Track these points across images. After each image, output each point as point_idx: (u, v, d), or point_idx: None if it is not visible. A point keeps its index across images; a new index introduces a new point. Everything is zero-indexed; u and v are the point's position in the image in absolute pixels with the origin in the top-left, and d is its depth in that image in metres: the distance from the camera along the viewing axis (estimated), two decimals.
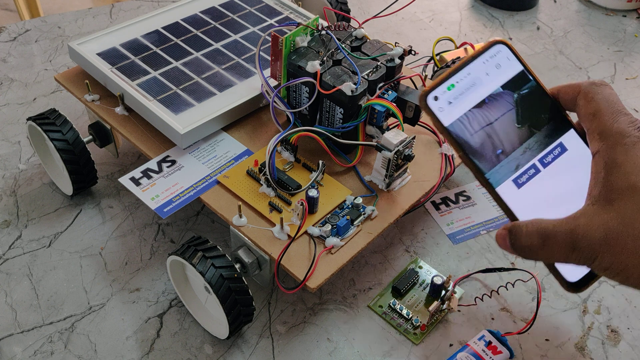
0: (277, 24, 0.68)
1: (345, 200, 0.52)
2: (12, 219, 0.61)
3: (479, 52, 0.33)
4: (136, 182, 0.53)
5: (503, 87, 0.33)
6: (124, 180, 0.53)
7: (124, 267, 0.57)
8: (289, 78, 0.55)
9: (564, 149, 0.34)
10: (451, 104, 0.32)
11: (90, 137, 0.61)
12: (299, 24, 0.55)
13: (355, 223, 0.50)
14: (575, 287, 0.33)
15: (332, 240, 0.49)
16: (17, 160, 0.66)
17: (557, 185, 0.33)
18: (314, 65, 0.52)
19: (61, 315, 0.53)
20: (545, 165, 0.34)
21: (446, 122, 0.32)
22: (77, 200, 0.62)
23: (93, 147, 0.61)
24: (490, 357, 0.49)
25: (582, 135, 0.35)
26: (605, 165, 0.31)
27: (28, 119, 0.59)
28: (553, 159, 0.34)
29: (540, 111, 0.34)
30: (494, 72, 0.33)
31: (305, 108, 0.55)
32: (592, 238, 0.30)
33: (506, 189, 0.33)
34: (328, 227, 0.49)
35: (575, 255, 0.31)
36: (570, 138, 0.34)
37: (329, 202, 0.52)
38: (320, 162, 0.53)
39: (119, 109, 0.59)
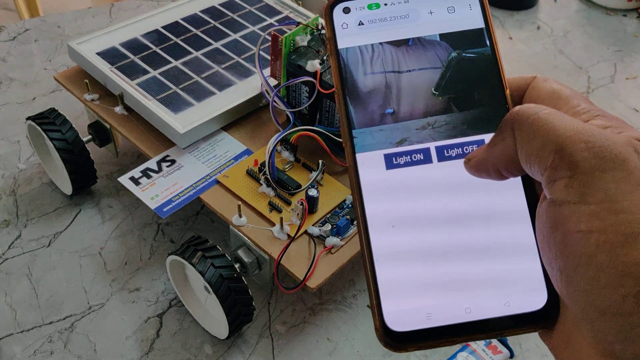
0: (277, 24, 0.68)
1: (345, 200, 0.52)
2: (12, 218, 0.60)
3: None
4: (136, 181, 0.53)
5: (443, 36, 0.24)
6: (124, 179, 0.53)
7: (123, 267, 0.57)
8: (288, 77, 0.55)
9: None
10: (362, 27, 0.24)
11: (90, 136, 0.61)
12: (298, 23, 0.55)
13: (355, 223, 0.50)
14: (395, 340, 0.21)
15: (332, 240, 0.49)
16: (17, 160, 0.66)
17: (444, 201, 0.22)
18: (313, 65, 0.52)
19: (61, 315, 0.53)
20: (442, 158, 0.22)
21: (341, 44, 0.23)
22: (77, 199, 0.62)
23: (92, 147, 0.61)
24: (491, 357, 0.49)
25: None
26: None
27: (27, 119, 0.59)
28: (458, 156, 0.22)
29: (477, 89, 0.23)
30: (442, 14, 0.24)
31: (305, 107, 0.55)
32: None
33: (368, 162, 0.22)
34: (328, 226, 0.49)
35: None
36: None
37: (328, 202, 0.52)
38: (320, 161, 0.53)
39: (118, 109, 0.59)
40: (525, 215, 0.22)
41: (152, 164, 0.54)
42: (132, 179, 0.53)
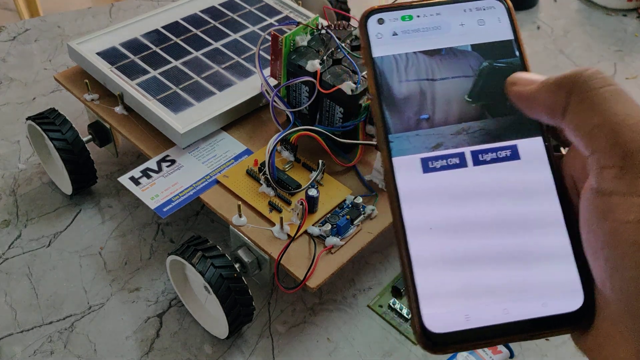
0: (277, 23, 0.68)
1: (345, 200, 0.52)
2: (12, 218, 0.60)
3: None
4: (136, 181, 0.53)
5: (474, 47, 0.25)
6: (124, 179, 0.53)
7: (123, 267, 0.57)
8: (288, 77, 0.55)
9: (515, 156, 0.23)
10: (396, 37, 0.24)
11: (90, 136, 0.61)
12: (298, 23, 0.55)
13: (355, 223, 0.50)
14: (434, 342, 0.21)
15: (332, 240, 0.49)
16: (17, 160, 0.66)
17: (481, 204, 0.22)
18: (313, 65, 0.52)
19: (61, 314, 0.53)
20: (477, 162, 0.23)
21: (376, 53, 0.24)
22: (77, 199, 0.62)
23: (92, 147, 0.61)
24: (490, 357, 0.49)
25: (552, 149, 0.24)
26: None
27: (27, 119, 0.59)
28: (493, 160, 0.23)
29: (507, 99, 0.24)
30: (472, 26, 0.25)
31: (305, 107, 0.55)
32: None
33: (405, 165, 0.23)
34: (328, 226, 0.49)
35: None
36: (530, 147, 0.23)
37: (328, 202, 0.52)
38: (320, 161, 0.53)
39: (118, 109, 0.59)
40: (559, 219, 0.22)
41: (152, 164, 0.54)
42: (132, 179, 0.53)
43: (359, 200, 0.51)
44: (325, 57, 0.53)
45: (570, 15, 0.95)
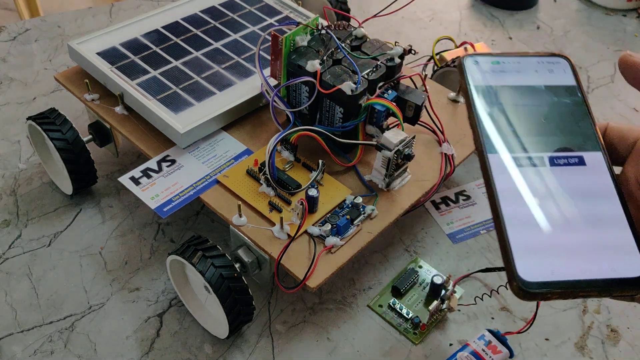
0: (277, 24, 0.68)
1: (345, 200, 0.52)
2: (12, 218, 0.61)
3: (536, 54, 0.34)
4: (136, 181, 0.53)
5: (546, 87, 0.33)
6: (124, 179, 0.53)
7: (123, 267, 0.57)
8: (288, 77, 0.55)
9: (582, 162, 0.31)
10: (487, 73, 0.33)
11: (90, 136, 0.61)
12: (298, 23, 0.55)
13: (355, 222, 0.50)
14: (529, 289, 0.27)
15: (332, 240, 0.49)
16: (17, 160, 0.66)
17: (558, 191, 0.30)
18: (313, 65, 0.52)
19: (61, 314, 0.53)
20: (553, 164, 0.31)
21: (472, 82, 0.32)
22: (77, 199, 0.62)
23: (93, 147, 0.61)
24: (490, 357, 0.49)
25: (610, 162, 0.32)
26: None
27: (28, 119, 0.59)
28: (565, 164, 0.31)
29: (574, 122, 0.32)
30: (545, 73, 0.33)
31: (305, 107, 0.55)
32: None
33: (497, 160, 0.30)
34: (328, 226, 0.49)
35: None
36: (593, 157, 0.31)
37: (328, 202, 0.52)
38: (320, 161, 0.53)
39: (118, 109, 0.59)
40: (618, 204, 0.29)
41: (152, 163, 0.54)
42: (133, 178, 0.53)
43: (359, 200, 0.51)
44: (325, 57, 0.53)
45: (570, 15, 0.95)
